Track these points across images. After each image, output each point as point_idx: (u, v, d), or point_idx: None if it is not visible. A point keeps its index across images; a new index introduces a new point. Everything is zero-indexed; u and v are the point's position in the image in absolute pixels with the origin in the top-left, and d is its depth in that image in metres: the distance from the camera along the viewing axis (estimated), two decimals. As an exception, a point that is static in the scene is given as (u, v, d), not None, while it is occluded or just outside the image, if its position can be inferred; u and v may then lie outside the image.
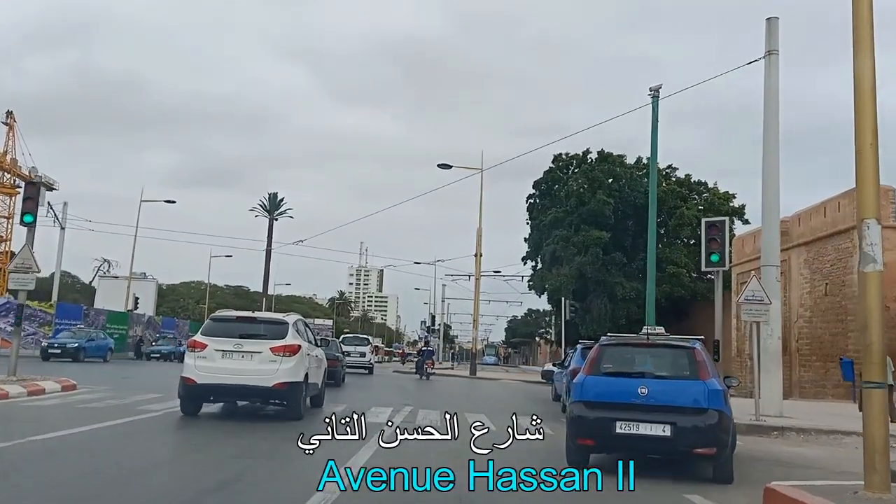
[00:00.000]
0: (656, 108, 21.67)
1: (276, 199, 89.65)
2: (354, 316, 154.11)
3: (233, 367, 10.23)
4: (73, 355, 27.57)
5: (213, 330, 10.85)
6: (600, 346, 7.60)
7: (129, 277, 39.86)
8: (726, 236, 13.55)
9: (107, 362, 29.05)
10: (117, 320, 39.15)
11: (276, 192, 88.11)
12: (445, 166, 32.13)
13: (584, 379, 7.31)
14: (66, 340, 29.02)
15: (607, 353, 7.48)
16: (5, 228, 77.05)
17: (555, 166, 42.58)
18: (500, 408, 14.86)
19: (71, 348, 28.12)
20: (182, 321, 50.48)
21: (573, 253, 38.50)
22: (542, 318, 79.71)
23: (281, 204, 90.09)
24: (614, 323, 38.22)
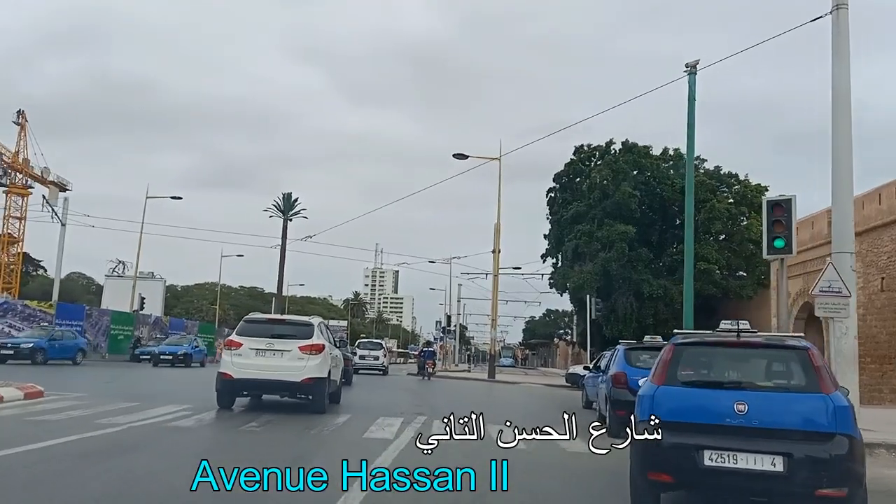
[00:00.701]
0: (693, 86, 19.72)
1: (290, 200, 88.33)
2: (370, 317, 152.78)
3: (265, 364, 11.31)
4: (30, 357, 23.94)
5: (247, 330, 11.88)
6: (675, 345, 5.63)
7: (135, 277, 38.44)
8: (793, 217, 11.57)
9: (77, 365, 26.08)
10: (122, 321, 37.69)
11: (290, 192, 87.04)
12: (461, 156, 30.29)
13: (654, 390, 5.40)
14: (22, 340, 25.60)
15: (686, 356, 5.55)
16: (17, 229, 76.43)
17: (576, 158, 40.55)
18: (527, 416, 13.00)
19: (25, 349, 24.22)
20: (192, 322, 49.04)
21: (597, 249, 36.45)
22: (561, 319, 77.55)
23: (295, 204, 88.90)
24: (640, 323, 36.13)
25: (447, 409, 14.95)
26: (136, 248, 38.70)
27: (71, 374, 21.06)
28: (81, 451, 7.15)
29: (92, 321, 34.53)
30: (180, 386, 18.22)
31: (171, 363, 29.76)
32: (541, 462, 7.96)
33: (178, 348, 31.67)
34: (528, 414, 14.24)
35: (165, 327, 42.90)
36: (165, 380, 20.52)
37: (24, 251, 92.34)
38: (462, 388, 24.59)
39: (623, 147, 39.07)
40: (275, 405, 13.13)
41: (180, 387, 17.97)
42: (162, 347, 32.16)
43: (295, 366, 11.30)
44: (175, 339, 34.73)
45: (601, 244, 36.42)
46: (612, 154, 39.18)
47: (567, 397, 20.98)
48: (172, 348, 31.71)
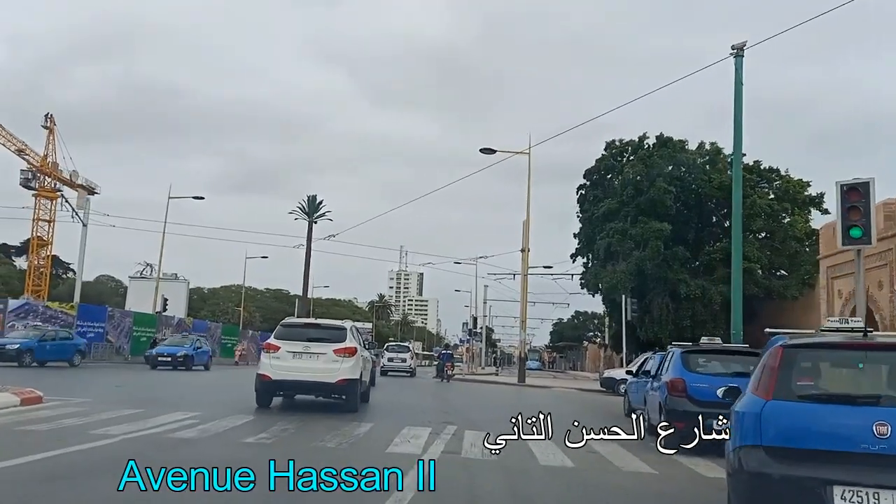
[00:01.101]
0: (740, 70, 18.27)
1: (314, 202, 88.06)
2: (395, 319, 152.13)
3: (302, 366, 11.89)
4: (16, 358, 22.43)
5: (284, 334, 12.45)
6: (785, 347, 4.38)
7: (157, 278, 37.89)
8: (871, 202, 10.19)
9: (74, 367, 24.54)
10: (145, 322, 37.20)
11: (314, 194, 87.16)
12: (489, 151, 29.11)
13: (761, 406, 4.17)
14: (8, 341, 23.96)
15: (801, 361, 4.30)
16: (47, 232, 76.94)
17: (607, 154, 39.03)
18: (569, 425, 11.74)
19: (11, 350, 22.65)
20: (215, 324, 48.54)
21: (630, 247, 34.92)
22: (590, 321, 75.82)
23: (320, 207, 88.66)
24: (677, 325, 34.53)
25: (477, 415, 13.81)
26: (167, 253, 38.25)
27: (75, 376, 20.27)
28: (53, 471, 6.11)
29: (114, 323, 34.04)
30: (192, 390, 17.38)
31: (172, 366, 27.33)
32: (596, 484, 6.76)
33: (178, 349, 28.65)
34: (569, 422, 13.00)
35: (188, 329, 42.38)
36: (177, 384, 19.66)
37: (53, 254, 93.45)
38: (490, 392, 23.40)
39: (657, 141, 37.48)
40: (296, 410, 12.10)
41: (192, 391, 17.13)
42: (160, 348, 29.45)
43: (330, 368, 11.93)
44: (177, 338, 32.08)
45: (635, 242, 34.89)
46: (646, 149, 37.62)
47: (605, 403, 19.67)
48: (172, 349, 28.74)
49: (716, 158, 38.03)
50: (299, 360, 11.96)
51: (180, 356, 27.92)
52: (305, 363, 11.96)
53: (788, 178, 37.62)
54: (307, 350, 12.00)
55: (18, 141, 71.60)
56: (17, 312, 30.43)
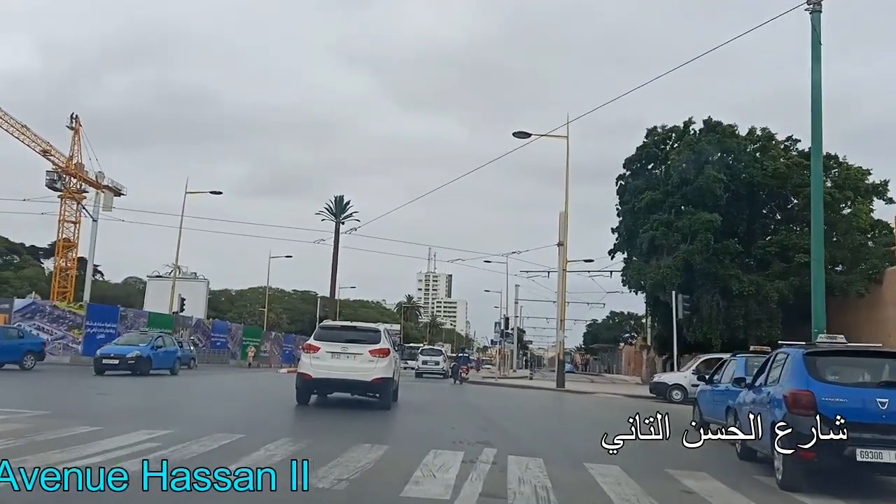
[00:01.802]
0: (818, 28, 15.57)
1: (341, 202, 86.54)
2: (423, 322, 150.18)
3: (340, 366, 12.59)
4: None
5: (323, 336, 13.22)
6: None
7: (174, 277, 36.19)
8: None
9: (27, 370, 21.49)
10: (161, 323, 35.44)
11: (341, 194, 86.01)
12: (523, 134, 26.66)
13: None
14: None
15: None
16: (73, 233, 76.39)
17: (649, 141, 36.24)
18: (638, 452, 9.25)
19: None
20: (236, 325, 46.81)
21: (677, 240, 32.11)
22: (626, 322, 72.72)
23: (347, 207, 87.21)
24: (728, 324, 31.66)
25: (519, 430, 11.40)
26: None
27: (44, 382, 18.22)
28: None
29: (127, 323, 32.32)
30: (183, 398, 15.26)
31: (122, 370, 21.80)
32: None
33: (129, 350, 22.42)
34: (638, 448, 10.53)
35: (208, 330, 40.67)
36: (171, 390, 17.61)
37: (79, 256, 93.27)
38: (527, 399, 20.95)
39: (705, 126, 34.56)
40: (292, 430, 9.86)
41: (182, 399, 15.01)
42: (105, 349, 23.19)
43: (366, 367, 12.61)
44: (133, 336, 25.47)
45: (682, 235, 32.07)
46: (692, 135, 34.75)
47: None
48: (121, 349, 22.66)
49: (767, 145, 35.05)
50: (337, 360, 12.67)
51: (131, 357, 21.99)
52: (343, 363, 12.67)
53: (847, 166, 34.41)
54: (345, 350, 12.72)
55: (43, 142, 71.03)
56: (24, 312, 28.90)
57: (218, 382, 22.21)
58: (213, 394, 17.58)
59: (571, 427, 13.19)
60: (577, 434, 11.72)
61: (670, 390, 22.06)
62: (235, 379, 24.92)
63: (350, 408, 13.04)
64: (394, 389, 13.97)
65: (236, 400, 15.55)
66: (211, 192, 37.55)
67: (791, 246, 31.98)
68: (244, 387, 20.91)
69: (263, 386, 21.24)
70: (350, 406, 13.26)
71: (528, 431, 11.50)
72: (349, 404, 13.46)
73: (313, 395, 13.63)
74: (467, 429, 10.92)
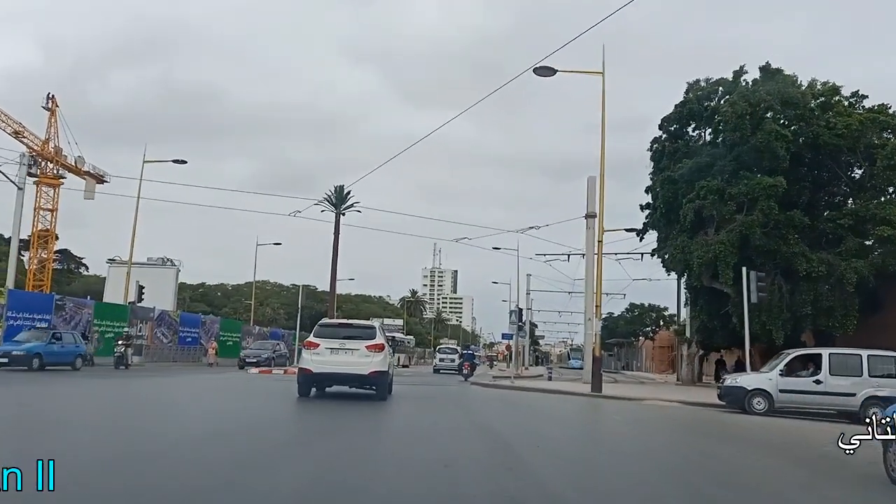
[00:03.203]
0: None
1: (342, 192, 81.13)
2: (428, 317, 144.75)
3: (339, 360, 13.48)
4: None
5: (322, 333, 14.20)
6: None
7: (129, 262, 30.66)
8: None
9: None
10: (112, 315, 30.02)
11: (341, 184, 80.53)
12: (548, 71, 20.98)
13: None
14: None
15: None
16: (50, 222, 70.97)
17: (691, 97, 30.40)
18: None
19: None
20: (211, 318, 41.26)
21: (731, 210, 26.38)
22: (646, 314, 66.92)
23: (348, 197, 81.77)
24: (794, 312, 25.90)
25: (576, 482, 5.88)
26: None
27: None
28: None
29: (65, 314, 26.84)
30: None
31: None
32: None
33: (19, 346, 19.33)
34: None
35: (175, 323, 35.13)
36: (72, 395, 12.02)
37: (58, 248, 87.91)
38: (558, 410, 15.34)
39: (762, 73, 28.68)
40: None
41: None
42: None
43: (363, 361, 13.44)
44: (35, 332, 21.60)
45: (737, 204, 26.36)
46: (745, 86, 28.89)
47: (775, 432, 11.36)
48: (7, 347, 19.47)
49: (830, 101, 29.21)
50: (336, 355, 13.48)
51: (19, 353, 18.90)
52: (342, 357, 13.45)
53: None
54: (343, 346, 13.57)
55: (15, 122, 65.50)
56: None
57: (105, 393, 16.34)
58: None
59: (670, 471, 7.46)
60: (693, 491, 6.06)
61: (750, 398, 16.40)
62: (153, 386, 18.36)
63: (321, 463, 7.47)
64: (389, 382, 14.73)
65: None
66: (174, 160, 31.97)
67: (868, 216, 26.22)
68: (126, 406, 14.64)
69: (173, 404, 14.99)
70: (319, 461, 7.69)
71: (590, 482, 5.88)
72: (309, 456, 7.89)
73: (312, 395, 14.07)
74: (485, 474, 5.29)
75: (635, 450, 8.86)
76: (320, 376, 13.59)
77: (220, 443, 7.53)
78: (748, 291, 20.50)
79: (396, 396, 15.80)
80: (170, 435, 7.94)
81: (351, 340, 13.62)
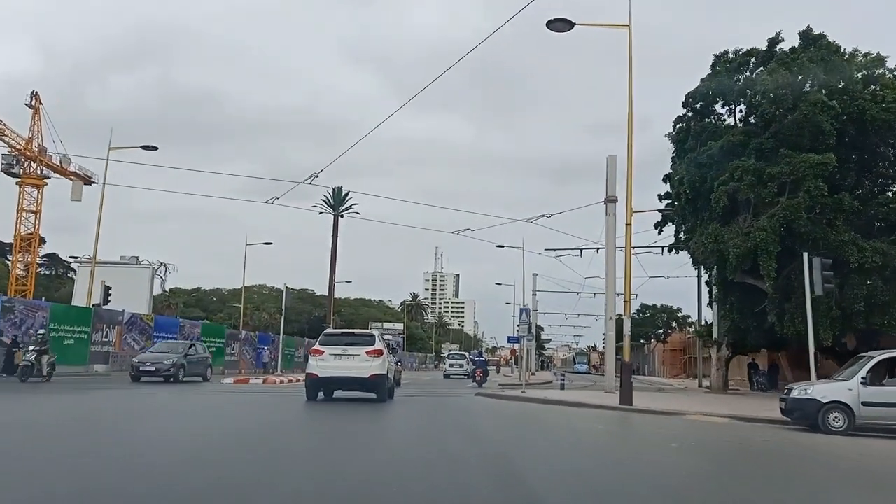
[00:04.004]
0: None
1: (340, 194, 77.87)
2: (430, 322, 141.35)
3: (342, 365, 15.04)
4: None
5: (326, 341, 15.77)
6: None
7: (94, 261, 27.30)
8: None
9: None
10: (72, 318, 26.78)
11: (340, 185, 77.60)
12: (563, 24, 17.72)
13: None
14: None
15: None
16: (33, 224, 67.74)
17: (720, 69, 27.14)
18: None
19: None
20: (191, 322, 37.95)
21: (771, 192, 23.14)
22: (658, 316, 63.61)
23: (346, 199, 78.56)
24: (844, 310, 22.63)
25: None
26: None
27: None
28: None
29: (13, 318, 23.58)
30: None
31: None
32: None
33: None
34: None
35: (149, 328, 31.86)
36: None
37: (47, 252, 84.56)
38: (589, 431, 12.08)
39: (802, 41, 25.40)
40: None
41: None
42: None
43: (363, 366, 14.89)
44: None
45: (778, 185, 23.12)
46: (782, 54, 25.62)
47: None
48: None
49: (873, 74, 25.99)
50: (339, 361, 14.95)
51: None
52: (344, 363, 14.93)
53: None
54: (345, 352, 15.01)
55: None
56: None
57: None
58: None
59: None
60: None
61: (825, 413, 13.12)
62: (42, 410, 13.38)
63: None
64: (389, 387, 16.37)
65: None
66: (143, 146, 28.79)
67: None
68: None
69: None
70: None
71: None
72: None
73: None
74: None
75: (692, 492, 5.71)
76: (325, 380, 15.14)
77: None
78: (811, 282, 17.17)
79: (396, 411, 13.59)
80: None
81: (352, 347, 15.13)
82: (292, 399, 16.13)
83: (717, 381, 28.04)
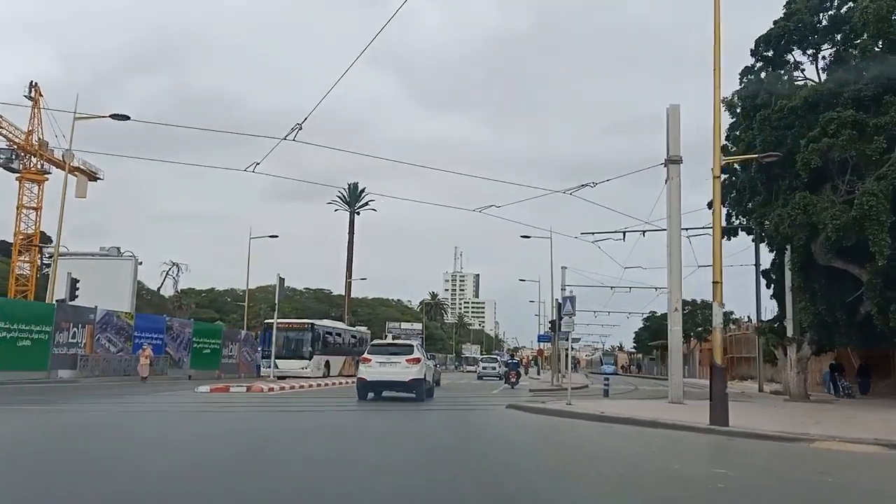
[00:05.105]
0: None
1: (356, 191, 73.91)
2: (449, 322, 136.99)
3: (386, 371, 17.83)
4: None
5: (373, 351, 18.92)
6: None
7: (56, 253, 23.40)
8: None
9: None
10: (28, 317, 22.71)
11: (356, 182, 73.42)
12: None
13: None
14: None
15: None
16: (33, 221, 64.41)
17: (798, 5, 22.35)
18: None
19: None
20: (181, 321, 33.86)
21: (879, 148, 18.32)
22: (698, 311, 58.55)
23: (362, 195, 74.36)
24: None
25: None
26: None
27: None
28: None
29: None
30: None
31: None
32: None
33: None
34: None
35: (128, 328, 27.78)
36: None
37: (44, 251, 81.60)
38: (702, 479, 7.55)
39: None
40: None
41: None
42: None
43: (404, 371, 17.75)
44: None
45: (887, 139, 18.31)
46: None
47: None
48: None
49: None
50: (384, 367, 17.79)
51: None
52: (388, 369, 17.73)
53: None
54: (389, 360, 17.93)
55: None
56: None
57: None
58: None
59: None
60: None
61: None
62: None
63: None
64: (428, 388, 19.32)
65: None
66: (112, 115, 24.70)
67: None
68: None
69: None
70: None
71: None
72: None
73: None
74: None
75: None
76: (373, 383, 18.00)
77: None
78: None
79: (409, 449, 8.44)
80: None
81: (395, 356, 18.09)
82: (264, 427, 11.60)
83: (796, 386, 23.18)
